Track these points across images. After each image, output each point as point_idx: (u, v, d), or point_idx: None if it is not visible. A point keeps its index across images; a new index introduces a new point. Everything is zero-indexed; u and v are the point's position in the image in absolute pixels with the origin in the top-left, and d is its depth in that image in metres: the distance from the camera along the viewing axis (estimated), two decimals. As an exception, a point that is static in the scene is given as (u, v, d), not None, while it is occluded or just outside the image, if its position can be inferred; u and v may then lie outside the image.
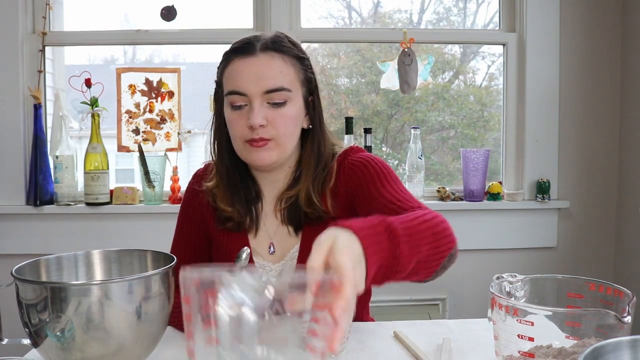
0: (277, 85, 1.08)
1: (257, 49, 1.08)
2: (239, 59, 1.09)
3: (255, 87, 1.07)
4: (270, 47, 1.09)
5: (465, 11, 2.51)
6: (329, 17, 2.47)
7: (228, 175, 1.18)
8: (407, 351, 1.04)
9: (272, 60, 1.08)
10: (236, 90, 1.08)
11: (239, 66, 1.08)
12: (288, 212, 1.17)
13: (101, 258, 1.07)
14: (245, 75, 1.07)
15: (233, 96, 1.09)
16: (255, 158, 1.11)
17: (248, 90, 1.07)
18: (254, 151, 1.10)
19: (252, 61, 1.08)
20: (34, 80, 2.18)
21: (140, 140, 2.23)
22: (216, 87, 1.18)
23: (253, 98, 1.07)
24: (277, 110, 1.09)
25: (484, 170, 2.23)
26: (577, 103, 2.29)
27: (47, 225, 2.16)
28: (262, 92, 1.07)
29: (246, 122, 1.08)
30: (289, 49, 1.12)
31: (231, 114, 1.10)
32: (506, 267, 2.30)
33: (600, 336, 0.78)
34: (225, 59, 1.13)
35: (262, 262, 1.19)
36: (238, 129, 1.10)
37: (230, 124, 1.11)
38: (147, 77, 2.23)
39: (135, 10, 2.40)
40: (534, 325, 0.81)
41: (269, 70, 1.08)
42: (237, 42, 1.13)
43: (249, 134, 1.08)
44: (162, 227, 2.16)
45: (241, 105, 1.09)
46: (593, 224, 2.32)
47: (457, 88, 2.58)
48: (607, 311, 0.76)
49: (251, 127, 1.07)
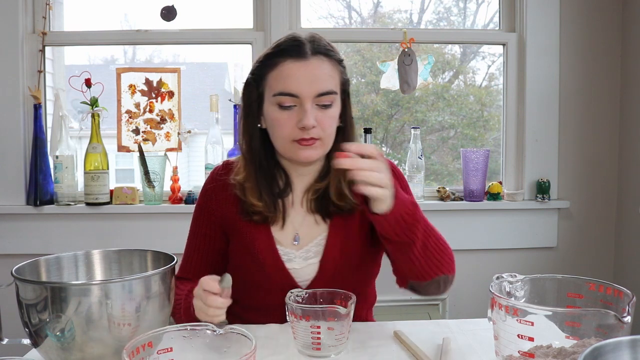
0: (328, 89, 1.13)
1: (308, 53, 1.12)
2: (291, 61, 1.12)
3: (308, 89, 1.11)
4: (320, 51, 1.14)
5: (465, 11, 2.51)
6: (329, 17, 2.47)
7: (260, 169, 1.21)
8: (407, 351, 1.04)
9: (323, 64, 1.13)
10: (288, 91, 1.12)
11: (291, 69, 1.12)
12: (316, 203, 1.23)
13: (101, 258, 1.07)
14: (299, 78, 1.11)
15: (283, 97, 1.12)
16: (302, 156, 1.15)
17: (301, 93, 1.11)
18: (302, 149, 1.14)
19: (305, 64, 1.12)
20: (34, 80, 2.18)
21: (140, 140, 2.23)
22: (250, 85, 1.19)
23: (305, 100, 1.11)
24: (325, 112, 1.14)
25: (484, 170, 2.23)
26: (577, 103, 2.29)
27: (47, 225, 2.16)
28: (315, 95, 1.12)
29: (295, 122, 1.12)
30: (333, 53, 1.17)
31: (279, 113, 1.14)
32: (506, 267, 2.30)
33: (600, 336, 0.78)
34: (271, 60, 1.15)
35: (285, 249, 1.21)
36: (286, 129, 1.14)
37: (276, 122, 1.14)
38: (147, 77, 2.23)
39: (135, 10, 2.40)
40: (533, 325, 0.81)
41: (321, 74, 1.13)
42: (282, 44, 1.15)
43: (298, 133, 1.13)
44: (162, 227, 2.17)
45: (290, 106, 1.13)
46: (593, 224, 2.32)
47: (457, 88, 2.58)
48: (607, 311, 0.76)
49: (303, 127, 1.12)
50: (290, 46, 1.13)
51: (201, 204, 1.31)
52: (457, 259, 1.20)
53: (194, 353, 0.78)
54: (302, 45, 1.13)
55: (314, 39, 1.16)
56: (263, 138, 1.21)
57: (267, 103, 1.16)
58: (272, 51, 1.15)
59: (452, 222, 2.24)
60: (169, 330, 0.77)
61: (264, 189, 1.20)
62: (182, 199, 2.21)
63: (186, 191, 2.24)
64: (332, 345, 1.00)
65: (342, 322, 0.99)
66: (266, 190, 1.21)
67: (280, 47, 1.15)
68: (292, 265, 1.21)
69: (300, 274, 1.21)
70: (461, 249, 2.25)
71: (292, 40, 1.14)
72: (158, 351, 0.76)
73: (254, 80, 1.18)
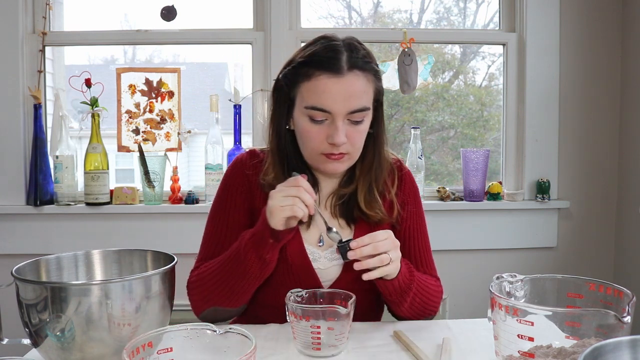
0: (361, 106, 1.12)
1: (344, 68, 1.09)
2: (326, 77, 1.09)
3: (341, 107, 1.10)
4: (357, 65, 1.11)
5: (465, 11, 2.50)
6: (329, 17, 2.47)
7: (289, 169, 1.20)
8: (407, 351, 1.04)
9: (358, 81, 1.11)
10: (321, 107, 1.10)
11: (325, 85, 1.09)
12: (341, 208, 1.24)
13: (101, 258, 1.07)
14: (333, 95, 1.09)
15: (316, 112, 1.11)
16: (329, 168, 1.17)
17: (334, 110, 1.10)
18: (330, 162, 1.15)
19: (340, 81, 1.09)
20: (34, 80, 2.18)
21: (140, 140, 2.23)
22: (281, 87, 1.18)
23: (337, 117, 1.10)
24: (356, 127, 1.13)
25: (484, 170, 2.23)
26: (577, 103, 2.29)
27: (47, 225, 2.16)
28: (347, 112, 1.11)
29: (325, 136, 1.12)
30: (369, 64, 1.14)
31: (310, 126, 1.13)
32: (506, 267, 2.30)
33: (600, 336, 0.78)
34: (305, 69, 1.12)
35: (311, 249, 1.22)
36: (315, 142, 1.13)
37: (306, 134, 1.14)
38: (147, 77, 2.23)
39: (135, 10, 2.40)
40: (533, 325, 0.81)
41: (356, 91, 1.10)
42: (317, 52, 1.12)
43: (327, 147, 1.13)
44: (162, 227, 2.17)
45: (321, 120, 1.12)
46: (593, 224, 2.32)
47: (457, 88, 2.58)
48: (607, 311, 0.76)
49: (333, 143, 1.11)
50: (327, 58, 1.10)
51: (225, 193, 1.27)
52: (457, 259, 1.22)
53: (194, 353, 0.78)
54: (339, 59, 1.10)
55: (351, 48, 1.12)
56: (291, 138, 1.21)
57: (298, 111, 1.15)
58: (307, 60, 1.12)
59: (452, 222, 2.23)
60: (169, 330, 0.77)
61: None
62: (182, 199, 2.21)
63: (186, 191, 2.24)
64: (332, 345, 1.00)
65: (342, 322, 0.99)
66: None
67: (316, 56, 1.12)
68: (317, 265, 1.21)
69: (324, 274, 1.21)
70: (461, 249, 2.25)
71: (329, 51, 1.11)
72: (158, 351, 0.76)
73: (286, 84, 1.16)
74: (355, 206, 1.22)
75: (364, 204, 1.20)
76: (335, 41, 1.13)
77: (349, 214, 1.23)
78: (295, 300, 1.04)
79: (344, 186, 1.24)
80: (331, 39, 1.14)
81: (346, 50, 1.11)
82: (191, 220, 2.19)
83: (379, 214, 1.21)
